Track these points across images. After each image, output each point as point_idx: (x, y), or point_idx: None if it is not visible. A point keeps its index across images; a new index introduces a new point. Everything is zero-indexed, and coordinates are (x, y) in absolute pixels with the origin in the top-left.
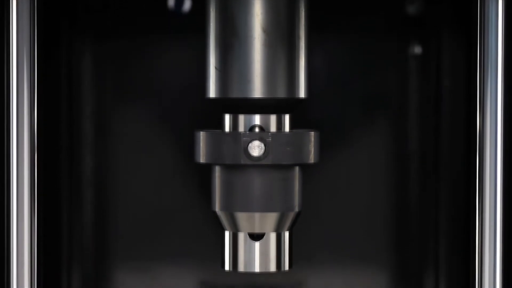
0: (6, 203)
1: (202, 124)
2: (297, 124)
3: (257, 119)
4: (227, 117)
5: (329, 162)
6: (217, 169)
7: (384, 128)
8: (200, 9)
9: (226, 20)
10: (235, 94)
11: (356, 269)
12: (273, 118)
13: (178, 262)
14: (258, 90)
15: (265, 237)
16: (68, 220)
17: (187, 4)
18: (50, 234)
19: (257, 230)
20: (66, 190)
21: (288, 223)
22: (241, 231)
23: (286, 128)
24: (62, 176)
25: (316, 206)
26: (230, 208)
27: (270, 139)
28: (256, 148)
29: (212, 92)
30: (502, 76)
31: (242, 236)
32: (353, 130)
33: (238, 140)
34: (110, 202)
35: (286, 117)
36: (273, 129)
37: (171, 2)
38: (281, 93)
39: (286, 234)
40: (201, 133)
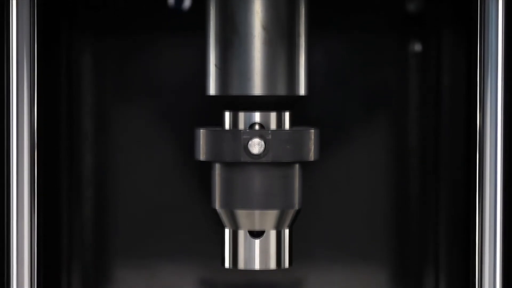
0: (6, 202)
1: (202, 121)
2: (297, 121)
3: (257, 117)
4: (227, 114)
5: (329, 160)
6: (217, 166)
7: (384, 125)
8: (200, 6)
9: (226, 17)
10: (235, 91)
11: (356, 267)
12: (273, 116)
13: (178, 259)
14: (258, 88)
15: (265, 234)
16: (68, 218)
17: (187, 1)
18: (50, 232)
19: (257, 228)
20: (66, 188)
21: (288, 221)
22: (241, 229)
23: (286, 125)
24: (62, 174)
25: (316, 204)
26: (230, 205)
27: (270, 137)
28: (256, 145)
29: (212, 89)
30: (502, 74)
31: (242, 233)
32: (353, 128)
33: (238, 137)
34: (110, 200)
35: (286, 114)
36: (273, 126)
37: None
38: (281, 90)
39: (286, 231)
40: (201, 130)
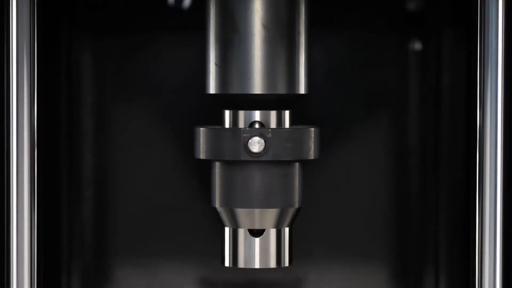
0: (6, 201)
1: (202, 120)
2: (297, 120)
3: (257, 115)
4: (227, 113)
5: (329, 158)
6: (217, 165)
7: (384, 125)
8: (200, 5)
9: (226, 16)
10: (235, 90)
11: (356, 266)
12: (273, 114)
13: (178, 258)
14: (258, 86)
15: (265, 233)
16: (68, 217)
17: (187, 0)
18: (50, 232)
19: (257, 226)
20: (66, 188)
21: (288, 219)
22: (241, 227)
23: (286, 124)
24: (62, 173)
25: (316, 202)
26: (230, 204)
27: (270, 135)
28: (256, 144)
29: (212, 88)
30: (502, 73)
31: (242, 232)
32: (353, 126)
33: (238, 136)
34: (110, 199)
35: (286, 113)
36: (273, 125)
37: None
38: (281, 89)
39: (286, 230)
40: (201, 129)
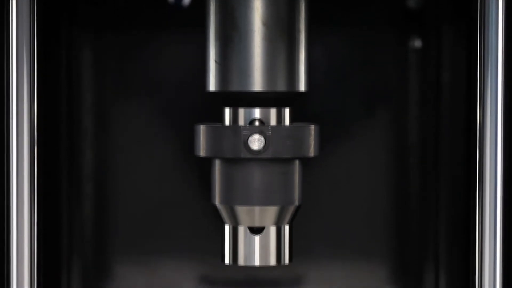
0: (6, 199)
1: (202, 118)
2: (297, 117)
3: (257, 113)
4: (227, 110)
5: (329, 156)
6: (217, 162)
7: (384, 122)
8: (199, 3)
9: (226, 13)
10: (235, 87)
11: (356, 263)
12: (273, 112)
13: (178, 256)
14: (258, 84)
15: (265, 230)
16: (68, 214)
17: None
18: (50, 229)
19: (257, 224)
20: (66, 185)
21: (288, 217)
22: (241, 225)
23: (286, 121)
24: (62, 170)
25: (316, 200)
26: (230, 201)
27: (270, 133)
28: (256, 141)
29: (212, 85)
30: (502, 70)
31: (242, 229)
32: (353, 124)
33: (238, 133)
34: (110, 197)
35: (286, 110)
36: (273, 122)
37: None
38: (281, 86)
39: (286, 227)
40: (201, 126)
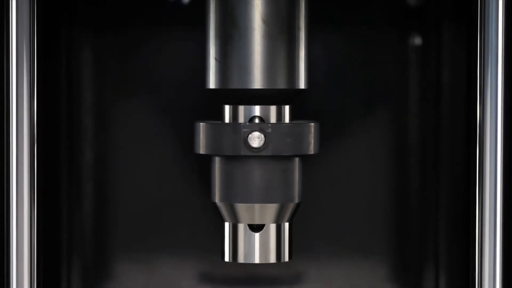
0: (6, 197)
1: (202, 115)
2: (297, 115)
3: (257, 110)
4: (227, 108)
5: (329, 153)
6: (217, 160)
7: (384, 120)
8: (199, 0)
9: (226, 11)
10: (235, 85)
11: (356, 261)
12: (273, 109)
13: (178, 253)
14: (258, 81)
15: (265, 228)
16: (68, 212)
17: None
18: (50, 227)
19: (257, 221)
20: (66, 183)
21: (288, 214)
22: (241, 222)
23: (286, 119)
24: (62, 169)
25: (316, 197)
26: (230, 199)
27: (270, 130)
28: (256, 139)
29: (212, 83)
30: (502, 70)
31: (242, 227)
32: (353, 122)
33: (238, 131)
34: (110, 195)
35: (286, 108)
36: (273, 120)
37: None
38: (281, 84)
39: (286, 225)
40: (201, 124)
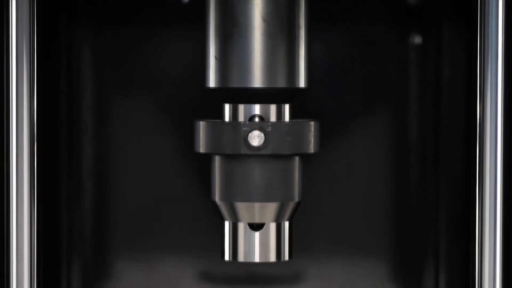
0: (6, 196)
1: (202, 114)
2: (297, 113)
3: (257, 109)
4: (227, 106)
5: (329, 152)
6: (217, 159)
7: (384, 119)
8: None
9: (226, 9)
10: (235, 83)
11: (356, 260)
12: (273, 108)
13: (177, 252)
14: (258, 80)
15: (265, 227)
16: (68, 211)
17: None
18: (50, 225)
19: (257, 220)
20: (66, 181)
21: (288, 213)
22: (241, 221)
23: (286, 117)
24: (62, 167)
25: (316, 196)
26: (230, 198)
27: (270, 129)
28: (256, 138)
29: (212, 81)
30: (502, 67)
31: (242, 226)
32: (353, 120)
33: (238, 129)
34: (110, 193)
35: (286, 106)
36: (273, 118)
37: None
38: (281, 82)
39: (286, 224)
40: (201, 123)
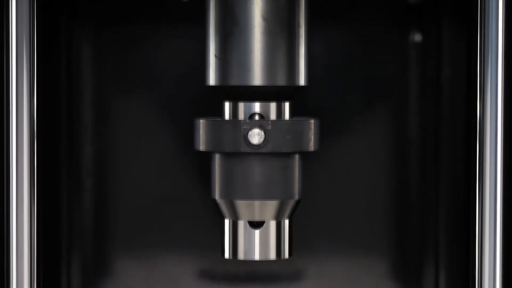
0: (6, 194)
1: (202, 112)
2: (297, 111)
3: (257, 107)
4: (227, 105)
5: (329, 150)
6: (217, 157)
7: (384, 116)
8: None
9: (226, 8)
10: (235, 81)
11: (356, 258)
12: (273, 106)
13: (177, 250)
14: (258, 78)
15: (265, 225)
16: (68, 208)
17: None
18: (50, 223)
19: (257, 218)
20: (66, 179)
21: (288, 211)
22: (241, 219)
23: (286, 115)
24: (62, 165)
25: (316, 194)
26: (230, 196)
27: (270, 127)
28: (256, 135)
29: (212, 80)
30: (502, 65)
31: (242, 224)
32: (353, 118)
33: (238, 127)
34: (110, 191)
35: (286, 104)
36: (273, 116)
37: None
38: (281, 80)
39: (286, 222)
40: (201, 121)
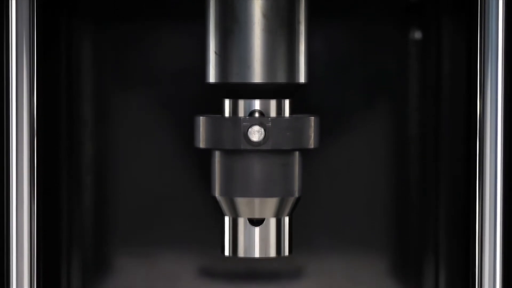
0: (6, 192)
1: (202, 109)
2: (297, 109)
3: (257, 104)
4: (227, 102)
5: (329, 147)
6: (217, 154)
7: (384, 113)
8: None
9: (226, 5)
10: (235, 79)
11: (356, 255)
12: (273, 103)
13: (177, 247)
14: (258, 75)
15: (265, 222)
16: (68, 206)
17: None
18: (50, 221)
19: (257, 216)
20: (65, 177)
21: (288, 208)
22: (241, 217)
23: (286, 113)
24: (62, 162)
25: (316, 191)
26: (230, 193)
27: (270, 124)
28: (256, 133)
29: (212, 77)
30: (502, 62)
31: (242, 221)
32: (353, 115)
33: (238, 125)
34: (109, 189)
35: (286, 102)
36: (273, 114)
37: None
38: (281, 78)
39: (286, 219)
40: (201, 118)
